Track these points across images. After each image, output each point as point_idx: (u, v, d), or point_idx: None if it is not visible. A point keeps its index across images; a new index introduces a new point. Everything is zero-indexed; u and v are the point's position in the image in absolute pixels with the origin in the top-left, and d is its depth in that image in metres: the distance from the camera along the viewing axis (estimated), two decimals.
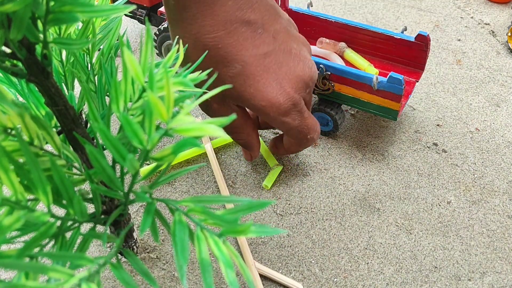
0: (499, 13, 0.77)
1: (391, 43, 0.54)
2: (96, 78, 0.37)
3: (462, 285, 0.39)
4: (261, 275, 0.39)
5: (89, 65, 0.37)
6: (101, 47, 0.38)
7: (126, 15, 0.68)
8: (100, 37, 0.38)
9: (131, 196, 0.27)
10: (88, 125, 0.39)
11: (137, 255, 0.40)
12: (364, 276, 0.40)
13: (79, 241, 0.27)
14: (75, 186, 0.26)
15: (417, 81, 0.53)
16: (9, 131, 0.25)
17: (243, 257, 0.40)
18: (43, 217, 0.22)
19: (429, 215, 0.45)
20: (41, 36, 0.21)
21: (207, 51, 0.35)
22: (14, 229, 0.20)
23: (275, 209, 0.45)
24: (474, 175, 0.49)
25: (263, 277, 0.39)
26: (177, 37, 0.36)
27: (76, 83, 0.57)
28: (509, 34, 0.67)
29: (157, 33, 0.58)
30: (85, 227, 0.43)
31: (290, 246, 0.42)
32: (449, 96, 0.60)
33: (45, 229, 0.22)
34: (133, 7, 0.21)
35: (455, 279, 0.39)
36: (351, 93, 0.49)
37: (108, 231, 0.38)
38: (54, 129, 0.27)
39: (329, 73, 0.48)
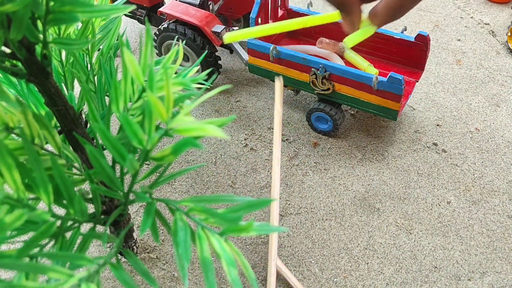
0: (499, 13, 0.77)
1: (391, 43, 0.54)
2: (95, 78, 0.37)
3: (462, 285, 0.39)
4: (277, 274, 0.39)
5: (88, 65, 0.37)
6: (101, 47, 0.38)
7: (126, 15, 0.68)
8: (100, 37, 0.38)
9: (131, 196, 0.27)
10: (88, 125, 0.39)
11: (137, 255, 0.40)
12: (364, 276, 0.40)
13: (79, 241, 0.27)
14: (75, 186, 0.26)
15: (417, 81, 0.53)
16: (10, 130, 0.25)
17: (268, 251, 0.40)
18: (44, 215, 0.22)
19: (429, 215, 0.45)
20: (41, 36, 0.21)
21: None
22: (16, 226, 0.20)
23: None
24: (474, 175, 0.49)
25: (278, 276, 0.39)
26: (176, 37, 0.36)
27: (76, 83, 0.57)
28: (509, 34, 0.67)
29: (157, 33, 0.58)
30: (85, 227, 0.43)
31: (290, 246, 0.42)
32: (449, 96, 0.60)
33: (46, 228, 0.22)
34: (133, 7, 0.21)
35: (455, 279, 0.39)
36: (351, 93, 0.49)
37: (108, 231, 0.38)
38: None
39: (329, 73, 0.48)
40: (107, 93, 0.34)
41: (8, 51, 0.22)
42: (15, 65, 0.23)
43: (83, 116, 0.42)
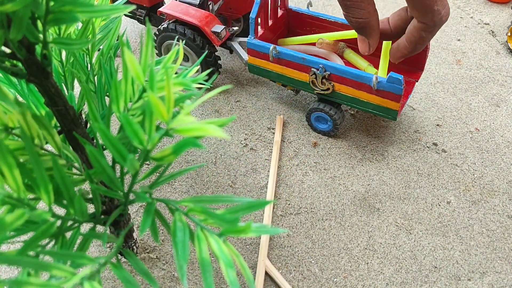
0: (498, 13, 0.77)
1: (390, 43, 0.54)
2: (95, 78, 0.37)
3: (462, 285, 0.39)
4: (266, 273, 0.39)
5: (88, 65, 0.37)
6: (101, 47, 0.38)
7: (126, 15, 0.68)
8: (100, 37, 0.38)
9: (131, 196, 0.27)
10: (88, 125, 0.39)
11: (137, 255, 0.40)
12: (364, 276, 0.40)
13: (78, 241, 0.27)
14: (75, 186, 0.26)
15: (417, 81, 0.53)
16: (9, 130, 0.25)
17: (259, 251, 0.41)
18: (45, 215, 0.22)
19: (429, 215, 0.45)
20: (41, 36, 0.21)
21: None
22: (16, 226, 0.20)
23: (275, 209, 0.45)
24: (474, 175, 0.49)
25: (267, 276, 0.39)
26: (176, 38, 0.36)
27: (76, 83, 0.57)
28: (509, 34, 0.67)
29: (157, 33, 0.58)
30: (85, 227, 0.43)
31: (290, 246, 0.42)
32: (449, 96, 0.60)
33: (46, 228, 0.22)
34: (133, 7, 0.21)
35: (455, 279, 0.40)
36: (350, 93, 0.49)
37: (108, 231, 0.38)
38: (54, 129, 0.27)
39: (328, 73, 0.48)
40: (107, 93, 0.34)
41: (8, 51, 0.22)
42: (15, 65, 0.23)
43: (83, 116, 0.42)
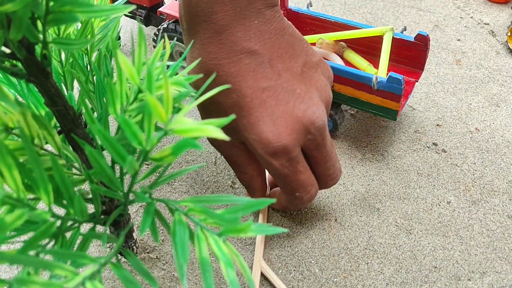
0: (498, 13, 0.77)
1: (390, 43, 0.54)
2: (94, 78, 0.37)
3: (462, 285, 0.39)
4: (262, 274, 0.39)
5: (88, 65, 0.37)
6: (100, 47, 0.38)
7: (126, 15, 0.68)
8: (99, 37, 0.38)
9: (131, 196, 0.27)
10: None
11: (136, 255, 0.40)
12: (364, 276, 0.40)
13: (78, 241, 0.27)
14: (75, 186, 0.26)
15: (417, 81, 0.53)
16: (9, 130, 0.25)
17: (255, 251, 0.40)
18: (45, 215, 0.22)
19: (429, 215, 0.45)
20: (41, 36, 0.21)
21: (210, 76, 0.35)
22: (16, 226, 0.20)
23: (275, 209, 0.45)
24: (474, 175, 0.49)
25: (263, 277, 0.39)
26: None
27: (76, 83, 0.57)
28: (509, 34, 0.67)
29: (157, 33, 0.58)
30: (85, 228, 0.43)
31: (290, 246, 0.42)
32: (448, 96, 0.60)
33: (46, 227, 0.23)
34: (133, 7, 0.21)
35: (455, 279, 0.39)
36: (350, 93, 0.49)
37: (108, 231, 0.38)
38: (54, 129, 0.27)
39: None
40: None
41: (8, 51, 0.22)
42: (15, 65, 0.23)
43: (83, 116, 0.42)
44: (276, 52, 0.36)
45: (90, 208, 0.29)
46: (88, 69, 0.37)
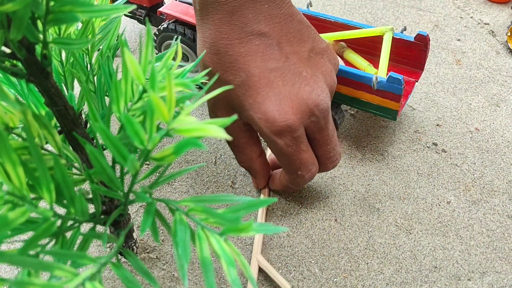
0: (498, 13, 0.77)
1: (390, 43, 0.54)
2: (95, 78, 0.37)
3: (462, 285, 0.39)
4: (260, 269, 0.39)
5: (88, 65, 0.37)
6: (101, 47, 0.38)
7: (126, 15, 0.68)
8: (100, 37, 0.38)
9: (131, 196, 0.27)
10: (88, 125, 0.39)
11: (137, 255, 0.40)
12: (364, 276, 0.40)
13: (78, 241, 0.27)
14: (75, 186, 0.26)
15: (417, 81, 0.53)
16: (10, 129, 0.25)
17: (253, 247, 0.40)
18: (47, 212, 0.22)
19: (429, 215, 0.45)
20: (41, 36, 0.21)
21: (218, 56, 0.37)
22: (19, 223, 0.20)
23: (275, 209, 0.45)
24: (474, 175, 0.49)
25: (261, 271, 0.39)
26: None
27: (76, 83, 0.57)
28: (509, 34, 0.68)
29: (157, 33, 0.58)
30: (85, 227, 0.43)
31: (290, 246, 0.42)
32: (448, 96, 0.60)
33: (46, 227, 0.22)
34: (133, 7, 0.21)
35: (455, 279, 0.40)
36: (350, 93, 0.49)
37: (108, 231, 0.38)
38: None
39: None
40: (107, 93, 0.34)
41: (8, 51, 0.22)
42: (15, 65, 0.23)
43: (83, 116, 0.42)
44: (284, 35, 0.37)
45: (90, 208, 0.29)
46: (89, 69, 0.37)
